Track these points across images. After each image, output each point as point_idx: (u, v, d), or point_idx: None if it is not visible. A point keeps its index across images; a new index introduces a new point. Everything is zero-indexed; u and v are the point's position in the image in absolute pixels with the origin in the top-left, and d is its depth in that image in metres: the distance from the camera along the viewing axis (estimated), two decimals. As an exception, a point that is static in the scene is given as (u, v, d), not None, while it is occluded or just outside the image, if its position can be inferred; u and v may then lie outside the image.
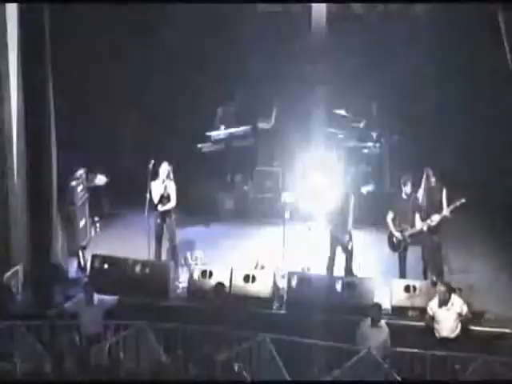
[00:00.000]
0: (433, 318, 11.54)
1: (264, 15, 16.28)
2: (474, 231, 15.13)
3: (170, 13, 16.00)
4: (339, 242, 13.37)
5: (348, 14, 16.11)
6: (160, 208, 13.78)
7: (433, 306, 11.55)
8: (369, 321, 11.38)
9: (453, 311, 11.41)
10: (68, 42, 13.86)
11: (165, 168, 13.69)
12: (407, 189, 13.15)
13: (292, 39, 16.32)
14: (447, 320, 11.43)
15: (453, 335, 11.45)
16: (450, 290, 11.51)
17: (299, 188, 16.26)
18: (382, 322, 11.50)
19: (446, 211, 13.03)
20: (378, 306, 11.68)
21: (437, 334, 11.51)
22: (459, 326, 11.49)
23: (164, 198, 13.75)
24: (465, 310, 11.47)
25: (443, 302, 11.42)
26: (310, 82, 15.82)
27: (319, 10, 14.83)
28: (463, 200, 12.84)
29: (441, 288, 11.48)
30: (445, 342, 11.40)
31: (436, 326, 11.51)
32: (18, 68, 12.92)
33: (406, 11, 16.08)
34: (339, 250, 13.47)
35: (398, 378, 10.59)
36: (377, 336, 11.27)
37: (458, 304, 11.44)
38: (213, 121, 16.79)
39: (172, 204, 13.84)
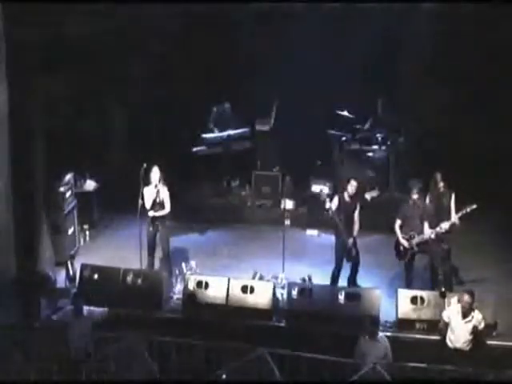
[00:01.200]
0: (447, 325, 11.51)
1: (264, 14, 16.36)
2: (485, 239, 15.25)
3: (161, 9, 15.95)
4: (343, 250, 13.46)
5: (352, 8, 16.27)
6: (152, 214, 13.83)
7: (450, 314, 11.47)
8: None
9: (471, 324, 11.34)
10: (55, 40, 14.01)
11: (156, 172, 13.70)
12: (414, 194, 13.23)
13: (291, 38, 16.42)
14: (464, 332, 11.34)
15: (467, 348, 11.39)
16: (474, 301, 11.39)
17: (300, 194, 16.50)
18: (382, 335, 11.56)
19: (455, 218, 13.15)
20: (369, 319, 11.81)
21: (450, 344, 11.47)
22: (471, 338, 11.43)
23: (157, 204, 13.78)
24: (482, 324, 11.40)
25: (465, 314, 11.33)
26: (310, 79, 16.00)
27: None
28: (474, 206, 12.91)
29: (466, 299, 11.29)
30: (456, 355, 11.37)
31: (451, 335, 11.46)
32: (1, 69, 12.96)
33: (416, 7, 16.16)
34: (343, 258, 13.57)
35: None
36: (375, 351, 11.25)
37: (477, 317, 11.36)
38: (208, 123, 16.90)
39: (165, 210, 13.88)
